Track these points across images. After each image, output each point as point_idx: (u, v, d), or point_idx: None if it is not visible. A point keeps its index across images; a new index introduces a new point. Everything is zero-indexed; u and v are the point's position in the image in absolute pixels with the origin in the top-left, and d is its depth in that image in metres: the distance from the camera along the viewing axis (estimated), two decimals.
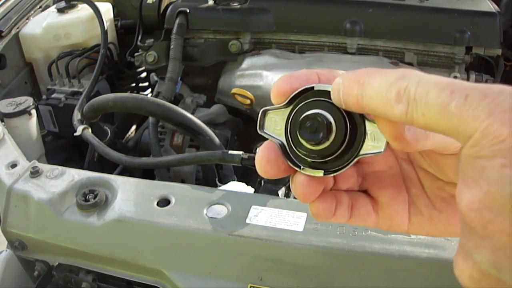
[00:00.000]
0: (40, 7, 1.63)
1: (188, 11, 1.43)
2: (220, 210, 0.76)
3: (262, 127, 0.37)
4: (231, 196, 0.80)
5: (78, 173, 0.88)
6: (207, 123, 1.08)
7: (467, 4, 1.33)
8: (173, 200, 0.79)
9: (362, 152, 0.34)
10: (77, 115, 1.18)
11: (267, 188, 0.85)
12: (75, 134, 1.12)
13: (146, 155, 1.26)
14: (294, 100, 0.35)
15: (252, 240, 0.71)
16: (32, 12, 1.58)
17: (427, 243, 0.67)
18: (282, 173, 0.36)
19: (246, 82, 1.35)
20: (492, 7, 1.32)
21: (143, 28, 1.54)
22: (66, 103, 1.35)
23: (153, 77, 1.41)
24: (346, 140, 0.33)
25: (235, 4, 1.44)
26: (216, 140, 1.05)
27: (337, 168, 0.34)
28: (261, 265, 0.71)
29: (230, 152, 0.91)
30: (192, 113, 1.24)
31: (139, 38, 1.51)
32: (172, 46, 1.38)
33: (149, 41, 1.46)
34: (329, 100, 0.33)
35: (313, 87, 0.34)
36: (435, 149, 0.35)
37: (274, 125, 0.37)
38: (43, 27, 1.50)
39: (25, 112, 1.18)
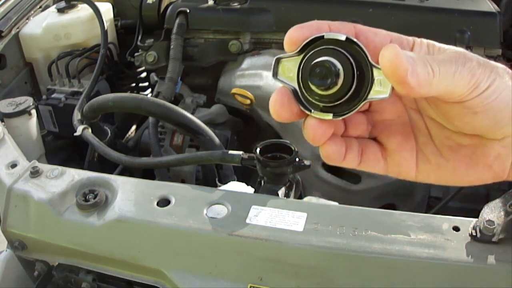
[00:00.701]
0: (40, 7, 1.63)
1: (188, 11, 1.43)
2: (220, 210, 0.76)
3: (276, 74, 0.39)
4: (231, 196, 0.80)
5: (78, 173, 0.88)
6: (207, 123, 1.08)
7: (467, 4, 1.33)
8: (173, 200, 0.79)
9: (369, 96, 0.36)
10: (77, 115, 1.18)
11: (267, 188, 0.85)
12: (75, 134, 1.12)
13: (146, 155, 1.26)
14: (305, 48, 0.37)
15: (252, 240, 0.71)
16: (32, 12, 1.58)
17: (427, 243, 0.67)
18: (294, 116, 0.38)
19: (246, 82, 1.35)
20: (492, 7, 1.32)
21: (143, 28, 1.54)
22: (66, 103, 1.35)
23: (153, 77, 1.41)
24: (354, 85, 0.36)
25: (235, 4, 1.44)
26: (216, 140, 1.05)
27: (345, 112, 0.36)
28: (261, 265, 0.71)
29: (230, 152, 0.91)
30: (192, 113, 1.24)
31: (139, 38, 1.51)
32: (172, 46, 1.38)
33: (149, 41, 1.46)
34: (338, 48, 0.36)
35: (323, 36, 0.36)
36: (439, 96, 0.37)
37: (288, 72, 0.38)
38: (43, 27, 1.50)
39: (25, 112, 1.18)
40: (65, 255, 0.85)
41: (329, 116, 0.37)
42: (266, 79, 1.31)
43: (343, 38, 0.36)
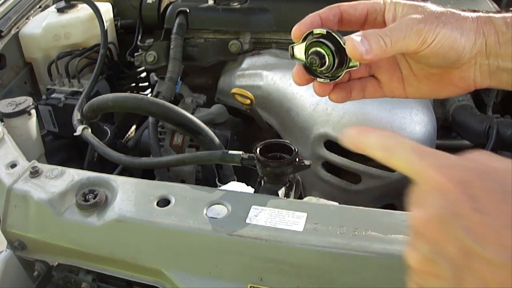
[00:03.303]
0: (39, 7, 1.63)
1: (188, 11, 1.43)
2: (220, 210, 0.76)
3: (292, 55, 0.58)
4: (231, 196, 0.80)
5: (78, 173, 0.88)
6: (207, 123, 1.08)
7: (467, 4, 1.33)
8: (173, 200, 0.79)
9: (347, 67, 0.54)
10: (77, 115, 1.18)
11: (267, 188, 0.85)
12: (75, 134, 1.12)
13: (146, 155, 1.26)
14: (305, 38, 0.56)
15: (252, 240, 0.71)
16: (32, 12, 1.58)
17: None
18: (307, 82, 0.58)
19: (246, 82, 1.35)
20: (492, 7, 1.32)
21: (143, 28, 1.54)
22: (66, 103, 1.35)
23: (153, 77, 1.41)
24: (336, 62, 0.54)
25: (235, 4, 1.43)
26: (216, 140, 1.05)
27: (335, 77, 0.56)
28: (261, 265, 0.71)
29: (230, 152, 0.91)
30: (192, 113, 1.24)
31: (139, 38, 1.51)
32: (172, 46, 1.37)
33: (149, 41, 1.46)
34: (322, 40, 0.54)
35: (312, 31, 0.55)
36: (402, 52, 0.53)
37: (300, 54, 0.57)
38: (42, 27, 1.50)
39: (25, 112, 1.18)
40: (65, 255, 0.85)
41: (327, 81, 0.56)
42: (266, 79, 1.31)
43: (324, 32, 0.54)
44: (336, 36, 0.54)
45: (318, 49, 0.54)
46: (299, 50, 0.57)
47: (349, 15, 0.58)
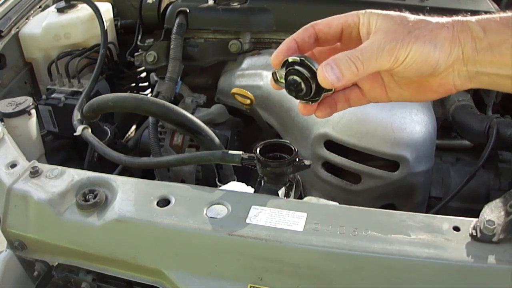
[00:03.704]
0: (39, 7, 1.63)
1: (188, 11, 1.43)
2: (220, 210, 0.76)
3: (276, 80, 0.61)
4: (231, 196, 0.80)
5: (78, 173, 0.88)
6: (207, 123, 1.08)
7: (467, 4, 1.33)
8: (173, 200, 0.79)
9: (325, 92, 0.58)
10: (76, 115, 1.18)
11: (267, 188, 0.85)
12: (75, 134, 1.12)
13: (146, 155, 1.26)
14: (284, 64, 0.59)
15: (252, 240, 0.71)
16: (32, 12, 1.58)
17: (427, 243, 0.67)
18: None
19: (246, 82, 1.35)
20: (492, 7, 1.32)
21: (143, 28, 1.54)
22: (65, 103, 1.35)
23: (153, 77, 1.41)
24: (314, 86, 0.57)
25: (235, 4, 1.43)
26: (216, 140, 1.05)
27: (315, 100, 0.59)
28: (261, 265, 0.71)
29: (230, 152, 0.91)
30: (192, 113, 1.24)
31: (139, 38, 1.51)
32: (172, 46, 1.37)
33: (149, 41, 1.46)
34: (297, 68, 0.57)
35: (288, 59, 0.58)
36: (375, 71, 0.55)
37: (280, 78, 0.60)
38: (42, 27, 1.50)
39: (25, 112, 1.18)
40: (65, 255, 0.85)
41: (309, 103, 0.60)
42: (266, 79, 1.31)
43: (298, 60, 0.56)
44: (309, 64, 0.56)
45: (295, 77, 0.57)
46: (281, 75, 0.59)
47: (325, 34, 0.60)
